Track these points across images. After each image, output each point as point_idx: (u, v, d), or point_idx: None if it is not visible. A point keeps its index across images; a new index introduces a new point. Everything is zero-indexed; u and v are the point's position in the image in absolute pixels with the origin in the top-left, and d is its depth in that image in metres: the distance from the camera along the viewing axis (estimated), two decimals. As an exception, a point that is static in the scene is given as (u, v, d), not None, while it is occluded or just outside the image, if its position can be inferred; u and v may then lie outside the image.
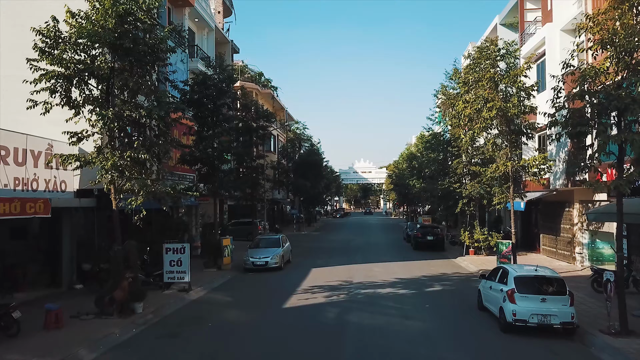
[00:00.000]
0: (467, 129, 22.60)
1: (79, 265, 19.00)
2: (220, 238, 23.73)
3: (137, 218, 13.64)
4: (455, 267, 24.50)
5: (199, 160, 23.40)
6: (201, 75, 24.08)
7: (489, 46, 20.15)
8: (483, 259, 26.60)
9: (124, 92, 14.34)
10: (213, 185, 23.86)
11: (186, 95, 23.27)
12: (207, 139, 23.49)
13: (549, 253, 27.36)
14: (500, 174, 20.52)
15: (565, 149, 22.74)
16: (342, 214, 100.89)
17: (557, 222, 25.97)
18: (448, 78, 30.77)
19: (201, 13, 31.36)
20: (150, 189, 13.45)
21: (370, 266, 24.33)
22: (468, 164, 27.49)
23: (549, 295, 11.98)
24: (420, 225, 33.29)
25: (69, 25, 13.28)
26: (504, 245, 20.18)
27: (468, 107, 20.16)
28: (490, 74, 19.76)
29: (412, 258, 28.08)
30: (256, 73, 54.33)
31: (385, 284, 19.21)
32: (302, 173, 52.03)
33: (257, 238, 25.20)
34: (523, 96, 20.05)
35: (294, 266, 24.70)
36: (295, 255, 27.80)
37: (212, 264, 23.46)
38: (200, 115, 23.47)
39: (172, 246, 18.21)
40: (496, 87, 19.79)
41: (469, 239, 28.17)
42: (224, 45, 37.63)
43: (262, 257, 22.85)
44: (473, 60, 20.80)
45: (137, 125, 13.98)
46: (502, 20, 33.14)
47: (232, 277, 21.85)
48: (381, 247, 35.02)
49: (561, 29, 24.36)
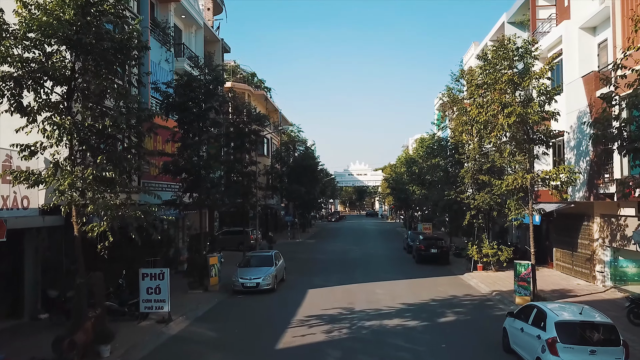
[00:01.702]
0: (479, 136, 20.52)
1: (44, 291, 16.73)
2: (207, 256, 21.50)
3: (102, 247, 11.41)
4: (465, 287, 22.38)
5: (183, 169, 21.18)
6: (185, 77, 21.79)
7: (507, 45, 18.01)
8: (493, 277, 24.53)
9: (88, 98, 12.11)
10: (199, 197, 21.63)
11: (169, 99, 21.05)
12: (192, 146, 21.28)
13: (563, 269, 25.32)
14: (517, 186, 18.44)
15: (586, 157, 20.71)
16: (338, 217, 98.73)
17: (574, 236, 23.93)
18: (454, 80, 28.66)
19: (188, 9, 29.11)
20: (116, 213, 11.20)
21: (372, 286, 22.16)
22: (476, 173, 25.44)
23: (599, 346, 9.85)
24: (423, 237, 31.16)
25: (19, 17, 11.05)
26: (523, 267, 18.07)
27: (483, 113, 18.02)
28: (508, 75, 17.66)
29: (416, 274, 25.96)
30: (249, 73, 52.13)
31: (392, 313, 17.05)
32: (296, 178, 49.85)
33: (247, 255, 22.95)
34: (543, 100, 17.97)
35: (288, 286, 22.50)
36: (290, 270, 25.63)
37: (197, 284, 21.23)
38: (184, 121, 21.23)
39: (149, 271, 15.96)
40: (515, 91, 17.70)
41: (477, 254, 26.09)
42: (214, 44, 35.37)
43: (253, 277, 20.62)
44: (487, 61, 18.65)
45: (102, 136, 11.75)
46: (510, 18, 31.08)
47: (220, 302, 19.64)
48: (381, 259, 32.85)
49: (580, 26, 22.35)
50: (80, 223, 11.95)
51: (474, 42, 40.51)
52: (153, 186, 23.61)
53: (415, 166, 44.74)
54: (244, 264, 22.02)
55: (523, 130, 18.42)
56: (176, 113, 21.13)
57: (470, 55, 40.76)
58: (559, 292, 20.21)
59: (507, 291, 20.49)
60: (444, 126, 37.82)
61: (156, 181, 23.69)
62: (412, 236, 36.40)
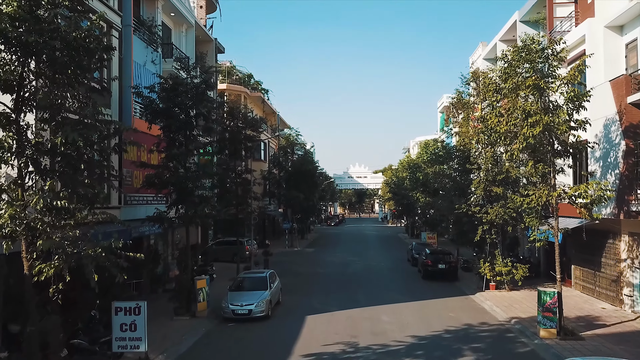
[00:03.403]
0: (497, 146, 18.47)
1: (5, 326, 14.65)
2: (194, 279, 19.43)
3: (54, 290, 9.34)
4: (479, 312, 20.31)
5: (168, 182, 19.12)
6: (170, 80, 19.70)
7: (530, 45, 15.94)
8: (508, 298, 22.48)
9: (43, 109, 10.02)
10: (186, 213, 19.56)
11: (151, 105, 18.99)
12: (178, 157, 19.22)
13: (584, 289, 23.28)
14: (541, 203, 16.40)
15: (615, 170, 18.67)
16: (337, 221, 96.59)
17: (597, 254, 21.90)
18: (464, 83, 26.58)
19: (178, 7, 27.02)
20: (69, 251, 9.12)
21: (377, 312, 20.08)
22: (489, 184, 23.39)
23: None
24: (430, 252, 29.06)
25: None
26: (548, 296, 16.00)
27: (503, 122, 15.96)
28: (532, 80, 15.60)
29: (423, 294, 23.90)
30: (245, 75, 50.05)
31: (401, 350, 14.97)
32: (294, 184, 47.79)
33: (239, 277, 20.84)
34: (571, 108, 15.91)
35: (284, 310, 20.43)
36: (287, 289, 23.60)
37: (184, 310, 19.18)
38: (169, 129, 19.16)
39: (123, 305, 13.91)
40: (540, 97, 15.65)
41: (489, 272, 24.03)
42: (207, 44, 33.29)
43: (245, 303, 18.53)
44: (508, 63, 16.59)
45: (55, 155, 9.67)
46: (522, 16, 29.04)
47: (207, 332, 17.58)
48: (384, 274, 30.76)
49: (606, 25, 20.35)
50: (31, 259, 9.89)
51: (482, 43, 38.50)
52: (137, 200, 21.60)
53: (420, 172, 42.70)
54: (235, 287, 19.93)
55: (547, 141, 16.39)
56: (160, 120, 19.04)
57: (477, 56, 38.72)
58: (585, 320, 18.17)
59: (527, 319, 18.46)
60: (450, 129, 35.76)
61: (140, 194, 21.64)
62: (417, 248, 34.34)
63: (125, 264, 9.60)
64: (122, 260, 9.57)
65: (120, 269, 9.42)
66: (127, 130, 10.63)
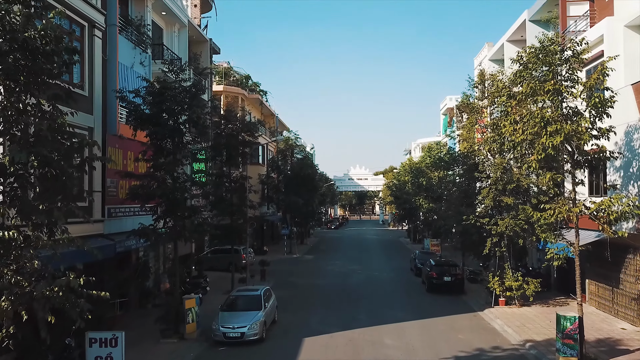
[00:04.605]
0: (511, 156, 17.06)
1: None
2: (182, 298, 18.00)
3: (3, 335, 7.91)
4: (490, 334, 18.86)
5: (155, 194, 17.69)
6: (157, 83, 18.28)
7: (549, 46, 14.51)
8: (519, 316, 21.05)
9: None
10: (173, 227, 18.15)
11: (136, 110, 17.57)
12: (166, 166, 17.81)
13: (600, 306, 21.83)
14: (561, 218, 14.99)
15: (639, 182, 17.26)
16: (338, 224, 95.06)
17: (615, 270, 20.45)
18: (472, 86, 25.12)
19: (169, 5, 25.65)
20: (23, 289, 7.70)
21: (380, 333, 18.64)
22: (499, 194, 21.98)
23: None
24: (435, 263, 27.60)
25: None
26: (568, 321, 14.57)
27: (519, 131, 14.53)
28: (551, 84, 14.18)
29: (429, 310, 22.45)
30: (242, 76, 48.57)
31: (408, 383, 13.56)
32: (294, 188, 46.38)
33: (231, 296, 19.35)
34: (594, 115, 14.49)
35: (280, 332, 18.99)
36: (285, 303, 22.26)
37: (172, 332, 17.76)
38: (155, 136, 17.74)
39: (98, 336, 12.50)
40: (561, 103, 14.23)
41: (499, 286, 22.61)
42: (201, 45, 31.91)
43: (237, 325, 17.08)
44: (523, 65, 15.16)
45: (5, 177, 8.23)
46: (532, 16, 27.64)
47: (196, 357, 16.18)
48: (386, 286, 29.29)
49: (626, 24, 18.95)
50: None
51: (488, 43, 37.05)
52: (123, 212, 20.20)
53: (423, 178, 41.30)
54: (227, 306, 18.48)
55: (567, 151, 14.98)
56: (145, 127, 17.61)
57: (483, 57, 37.30)
58: (607, 344, 16.74)
59: (543, 342, 17.05)
60: (453, 131, 34.36)
61: (126, 205, 20.24)
62: (421, 257, 32.90)
63: (87, 306, 8.13)
64: (84, 301, 8.12)
65: (80, 312, 7.95)
66: (93, 146, 9.14)
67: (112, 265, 20.14)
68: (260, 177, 45.14)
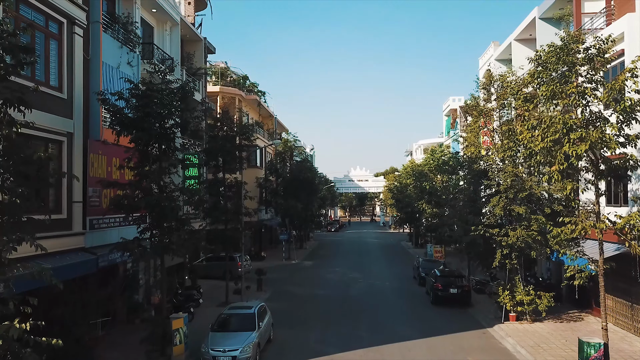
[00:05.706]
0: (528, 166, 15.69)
1: None
2: (169, 319, 16.61)
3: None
4: (502, 354, 17.49)
5: (139, 205, 16.32)
6: (141, 85, 16.90)
7: (570, 44, 13.13)
8: (531, 333, 19.69)
9: None
10: (159, 240, 16.78)
11: (119, 114, 16.19)
12: (151, 175, 16.44)
13: (618, 322, 20.45)
14: (583, 234, 13.64)
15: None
16: (338, 227, 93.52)
17: (635, 284, 19.06)
18: (480, 87, 23.74)
19: (160, 2, 24.28)
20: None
21: (383, 354, 17.27)
22: (510, 203, 20.61)
23: None
24: (440, 274, 26.20)
25: None
26: (592, 348, 13.20)
27: (539, 138, 13.14)
28: (572, 86, 12.81)
29: (435, 326, 21.09)
30: (240, 76, 47.25)
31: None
32: (292, 192, 45.04)
33: (222, 315, 17.89)
34: (621, 120, 13.11)
35: (275, 353, 17.59)
36: (281, 317, 20.91)
37: (158, 354, 16.40)
38: (140, 142, 16.36)
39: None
40: (586, 108, 12.85)
41: (510, 301, 21.24)
42: (195, 44, 30.55)
43: (229, 348, 15.68)
44: (542, 65, 13.78)
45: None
46: (542, 13, 26.26)
47: (183, 384, 14.83)
48: (389, 298, 27.87)
49: (649, 21, 17.57)
50: None
51: (494, 42, 35.68)
52: (106, 223, 18.83)
53: (426, 182, 39.92)
54: (218, 326, 17.08)
55: (590, 160, 13.61)
56: (128, 132, 16.23)
57: (489, 57, 35.92)
58: (630, 369, 15.38)
59: (560, 366, 15.70)
60: (456, 132, 32.99)
61: (111, 216, 18.83)
62: (425, 266, 31.52)
63: (34, 357, 6.75)
64: (30, 352, 6.74)
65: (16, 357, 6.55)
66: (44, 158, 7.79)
67: (96, 280, 18.82)
68: (258, 180, 43.80)
